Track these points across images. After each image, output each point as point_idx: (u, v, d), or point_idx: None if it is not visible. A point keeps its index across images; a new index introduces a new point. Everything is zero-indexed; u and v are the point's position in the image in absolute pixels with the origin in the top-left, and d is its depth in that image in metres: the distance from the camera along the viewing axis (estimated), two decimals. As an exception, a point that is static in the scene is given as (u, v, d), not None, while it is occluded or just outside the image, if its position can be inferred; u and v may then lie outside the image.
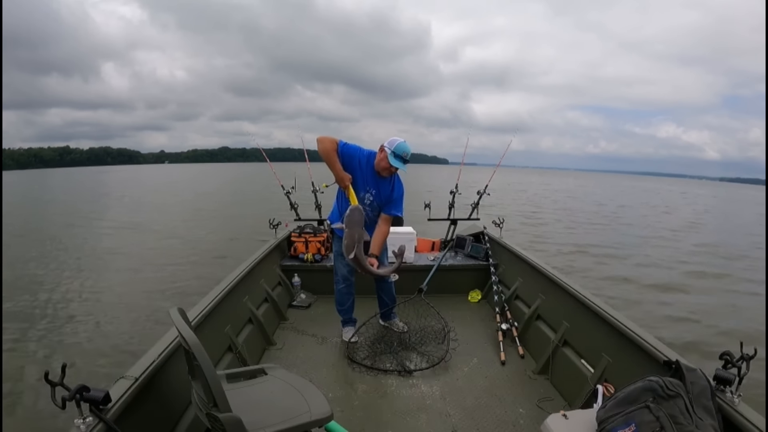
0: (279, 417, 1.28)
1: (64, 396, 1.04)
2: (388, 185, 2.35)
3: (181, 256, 7.94)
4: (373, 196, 2.35)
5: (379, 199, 2.36)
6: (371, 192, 2.34)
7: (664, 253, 9.25)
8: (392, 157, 2.21)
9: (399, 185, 2.40)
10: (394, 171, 2.30)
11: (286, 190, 3.95)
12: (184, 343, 1.11)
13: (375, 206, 2.39)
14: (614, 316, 1.90)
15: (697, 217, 17.99)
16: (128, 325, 4.58)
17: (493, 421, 1.90)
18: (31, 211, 15.81)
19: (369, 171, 2.31)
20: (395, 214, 2.39)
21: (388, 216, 2.37)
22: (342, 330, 2.72)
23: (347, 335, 2.63)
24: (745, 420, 1.18)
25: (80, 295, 5.65)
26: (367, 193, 2.34)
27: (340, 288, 2.61)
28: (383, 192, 2.35)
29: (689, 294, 6.30)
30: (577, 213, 16.68)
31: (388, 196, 2.36)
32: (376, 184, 2.33)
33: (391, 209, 2.37)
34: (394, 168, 2.26)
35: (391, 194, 2.36)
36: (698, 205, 26.78)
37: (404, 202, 2.47)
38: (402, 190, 2.41)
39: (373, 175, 2.32)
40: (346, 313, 2.69)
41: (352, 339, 2.59)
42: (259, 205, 14.40)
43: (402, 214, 2.44)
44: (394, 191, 2.37)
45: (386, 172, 2.28)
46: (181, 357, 1.46)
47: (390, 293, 2.73)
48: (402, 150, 2.21)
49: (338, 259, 2.54)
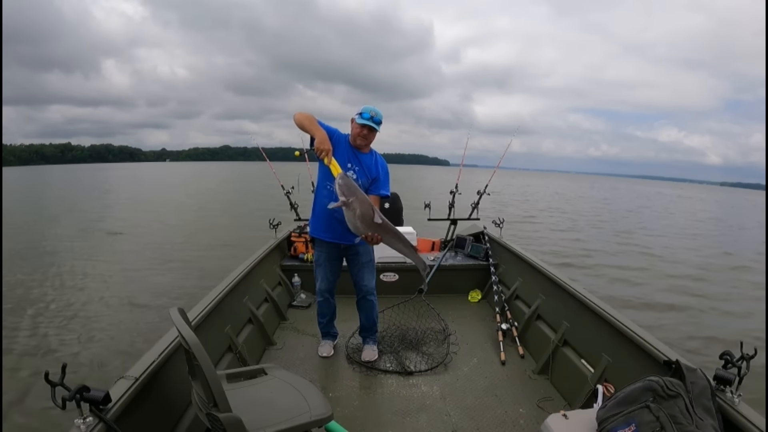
0: (279, 417, 1.28)
1: (64, 396, 1.04)
2: (371, 158, 2.21)
3: (181, 256, 7.94)
4: (356, 173, 2.15)
5: (363, 176, 2.17)
6: (354, 169, 2.16)
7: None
8: (359, 118, 2.09)
9: (383, 162, 2.26)
10: (366, 134, 2.13)
11: (286, 190, 3.95)
12: (184, 343, 1.11)
13: (360, 185, 2.12)
14: (614, 316, 1.90)
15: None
16: (128, 325, 4.57)
17: (493, 421, 1.90)
18: (32, 206, 15.80)
19: (348, 147, 2.18)
20: (384, 194, 2.24)
21: (376, 196, 2.20)
22: (319, 343, 2.58)
23: (324, 350, 2.52)
24: (745, 420, 1.18)
25: (81, 295, 5.65)
26: (350, 171, 2.14)
27: (320, 300, 2.44)
28: (366, 166, 2.18)
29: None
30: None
31: (373, 172, 2.20)
32: (358, 159, 2.17)
33: (379, 188, 2.21)
34: (366, 129, 2.11)
35: (376, 170, 2.21)
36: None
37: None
38: (387, 168, 2.27)
39: (353, 151, 2.17)
40: (326, 326, 2.55)
41: (324, 354, 2.49)
42: (259, 206, 14.41)
43: (389, 193, 2.33)
44: (380, 168, 2.22)
45: (361, 139, 2.13)
46: (181, 357, 1.46)
47: (371, 315, 2.44)
48: (367, 110, 2.09)
49: (319, 269, 2.36)
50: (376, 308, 2.44)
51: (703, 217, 20.96)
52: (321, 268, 2.35)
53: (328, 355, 2.50)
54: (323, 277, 2.36)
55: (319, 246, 2.33)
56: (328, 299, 2.44)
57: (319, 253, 2.33)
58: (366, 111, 2.10)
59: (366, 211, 1.86)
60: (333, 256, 2.33)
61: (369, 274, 2.37)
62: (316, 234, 2.27)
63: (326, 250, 2.30)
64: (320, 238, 2.27)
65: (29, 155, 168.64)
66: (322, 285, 2.38)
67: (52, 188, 28.17)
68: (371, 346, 2.49)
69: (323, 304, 2.45)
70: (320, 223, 2.24)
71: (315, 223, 2.28)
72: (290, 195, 3.93)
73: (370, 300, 2.40)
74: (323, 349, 2.53)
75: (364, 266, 2.34)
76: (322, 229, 2.24)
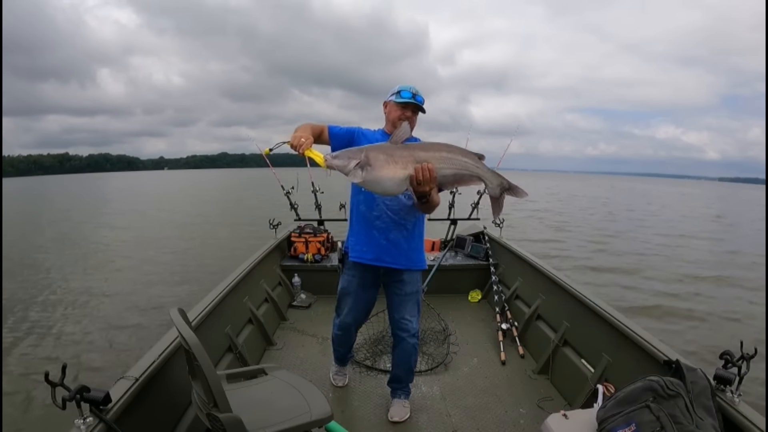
0: (279, 417, 1.28)
1: (64, 396, 1.04)
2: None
3: (181, 257, 7.94)
4: None
5: None
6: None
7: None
8: (398, 97, 1.67)
9: None
10: (410, 116, 1.68)
11: (286, 190, 3.95)
12: (184, 343, 1.11)
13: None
14: (614, 316, 1.90)
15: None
16: (129, 325, 4.57)
17: (494, 421, 1.90)
18: (34, 213, 15.81)
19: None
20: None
21: None
22: (331, 369, 2.19)
23: (339, 380, 2.15)
24: (746, 420, 1.18)
25: (81, 296, 5.65)
26: None
27: (338, 333, 1.98)
28: None
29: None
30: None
31: None
32: None
33: None
34: (409, 110, 1.67)
35: None
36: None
37: None
38: None
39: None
40: (344, 354, 2.13)
41: (340, 384, 2.14)
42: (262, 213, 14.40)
43: None
44: None
45: (400, 121, 1.64)
46: (181, 357, 1.46)
47: (409, 362, 1.87)
48: (405, 87, 1.69)
49: (347, 299, 1.87)
50: (416, 354, 1.88)
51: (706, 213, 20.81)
52: (350, 298, 1.85)
53: (342, 386, 2.15)
54: (351, 308, 1.87)
55: (351, 270, 1.82)
56: (351, 333, 1.99)
57: (351, 278, 1.82)
58: (404, 89, 1.68)
59: (383, 148, 1.40)
60: (368, 283, 1.82)
61: (413, 308, 1.82)
62: (358, 257, 1.76)
63: (360, 275, 1.81)
64: (360, 261, 1.77)
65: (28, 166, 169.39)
66: (347, 318, 1.89)
67: (57, 197, 28.19)
68: (402, 402, 1.93)
69: (343, 337, 1.99)
70: (360, 242, 1.76)
71: (355, 243, 1.77)
72: (290, 195, 3.94)
73: (411, 343, 1.82)
74: (338, 379, 2.16)
75: (409, 298, 1.80)
76: (363, 248, 1.75)
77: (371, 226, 1.72)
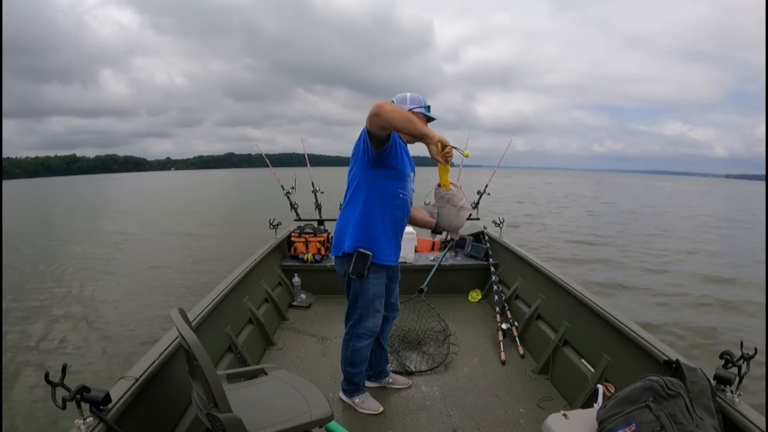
0: (279, 417, 1.28)
1: (64, 396, 1.04)
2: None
3: (183, 257, 7.94)
4: (413, 179, 1.86)
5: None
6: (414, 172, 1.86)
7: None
8: (425, 111, 1.78)
9: None
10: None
11: (285, 190, 3.96)
12: (185, 343, 1.11)
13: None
14: (614, 316, 1.90)
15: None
16: (129, 325, 4.58)
17: (494, 421, 1.90)
18: (40, 214, 15.81)
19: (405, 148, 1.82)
20: None
21: None
22: (360, 397, 1.98)
23: (373, 405, 1.96)
24: (746, 420, 1.18)
25: (81, 296, 5.65)
26: (412, 171, 1.82)
27: (365, 345, 1.86)
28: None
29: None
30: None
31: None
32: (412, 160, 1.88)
33: None
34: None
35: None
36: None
37: None
38: None
39: (407, 151, 1.83)
40: (362, 375, 1.98)
41: (374, 412, 1.94)
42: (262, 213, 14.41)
43: None
44: None
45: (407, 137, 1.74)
46: (181, 357, 1.46)
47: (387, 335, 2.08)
48: (423, 99, 1.79)
49: (379, 301, 1.82)
50: (391, 325, 2.11)
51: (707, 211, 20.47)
52: (380, 301, 1.84)
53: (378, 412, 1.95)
54: (380, 310, 1.85)
55: (378, 273, 1.77)
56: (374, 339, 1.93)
57: (380, 280, 1.79)
58: (424, 100, 1.78)
59: (456, 194, 1.62)
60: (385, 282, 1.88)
61: (397, 288, 2.04)
62: (390, 260, 1.77)
63: (385, 276, 1.84)
64: (391, 264, 1.80)
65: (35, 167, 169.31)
66: (378, 320, 1.86)
67: (68, 199, 28.18)
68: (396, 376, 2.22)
69: (368, 348, 1.90)
70: (392, 246, 1.77)
71: (386, 247, 1.74)
72: (290, 195, 3.94)
73: (394, 317, 2.07)
74: (371, 404, 1.97)
75: (398, 282, 2.02)
76: (394, 251, 1.79)
77: (402, 230, 1.85)
